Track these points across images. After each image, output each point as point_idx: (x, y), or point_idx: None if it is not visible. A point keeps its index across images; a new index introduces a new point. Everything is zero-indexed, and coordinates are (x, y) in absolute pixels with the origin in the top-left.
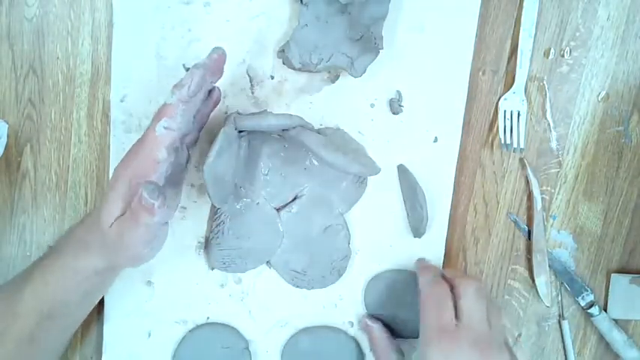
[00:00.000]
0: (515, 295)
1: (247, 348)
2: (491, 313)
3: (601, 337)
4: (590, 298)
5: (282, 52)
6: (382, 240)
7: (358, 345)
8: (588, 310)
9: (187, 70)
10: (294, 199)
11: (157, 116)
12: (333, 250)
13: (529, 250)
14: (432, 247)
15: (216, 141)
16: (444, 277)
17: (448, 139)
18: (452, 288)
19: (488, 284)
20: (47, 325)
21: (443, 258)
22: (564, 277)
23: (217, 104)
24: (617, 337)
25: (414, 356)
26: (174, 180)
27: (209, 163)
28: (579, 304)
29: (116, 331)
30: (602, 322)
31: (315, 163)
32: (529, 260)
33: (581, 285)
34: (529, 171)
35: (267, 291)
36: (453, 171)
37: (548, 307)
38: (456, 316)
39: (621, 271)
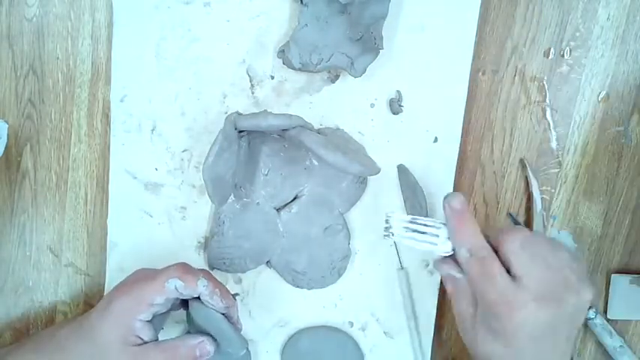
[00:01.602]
0: None
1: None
2: (549, 255)
3: None
4: None
5: (282, 52)
6: (382, 240)
7: (358, 345)
8: None
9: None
10: (294, 199)
11: (177, 269)
12: (333, 250)
13: None
14: None
15: (216, 141)
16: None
17: (448, 139)
18: (497, 251)
19: None
20: None
21: None
22: None
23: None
24: (610, 343)
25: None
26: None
27: (209, 163)
28: None
29: None
30: (596, 326)
31: (315, 163)
32: None
33: None
34: (529, 172)
35: (267, 291)
36: (453, 171)
37: None
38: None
39: (621, 271)
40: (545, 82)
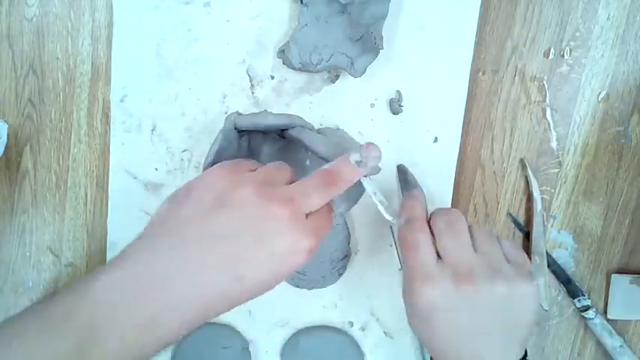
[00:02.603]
0: None
1: (247, 348)
2: (478, 239)
3: None
4: (586, 302)
5: (282, 52)
6: (382, 240)
7: (358, 345)
8: (582, 314)
9: None
10: None
11: None
12: (333, 250)
13: (529, 251)
14: None
15: (216, 141)
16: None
17: (448, 139)
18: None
19: None
20: None
21: None
22: (561, 279)
23: None
24: (610, 343)
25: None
26: None
27: (208, 163)
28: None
29: None
30: (596, 326)
31: (315, 163)
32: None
33: (577, 288)
34: (529, 172)
35: None
36: (453, 171)
37: (547, 310)
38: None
39: (621, 271)
40: (545, 82)
